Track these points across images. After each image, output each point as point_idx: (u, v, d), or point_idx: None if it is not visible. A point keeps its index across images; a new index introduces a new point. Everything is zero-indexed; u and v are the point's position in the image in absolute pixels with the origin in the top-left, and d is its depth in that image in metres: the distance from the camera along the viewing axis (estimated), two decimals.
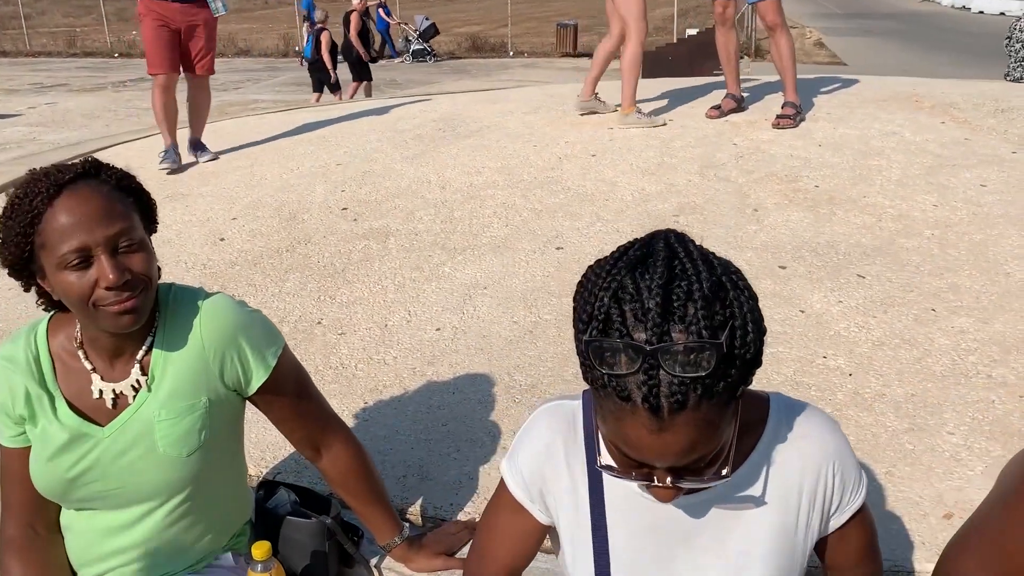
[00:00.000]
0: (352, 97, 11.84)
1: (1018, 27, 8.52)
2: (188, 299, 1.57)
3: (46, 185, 1.37)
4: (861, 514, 1.17)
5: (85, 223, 1.36)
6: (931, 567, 1.85)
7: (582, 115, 5.29)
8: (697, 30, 18.16)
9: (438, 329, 2.98)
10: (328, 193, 4.33)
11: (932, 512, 2.00)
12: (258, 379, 1.59)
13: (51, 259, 1.36)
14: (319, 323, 3.08)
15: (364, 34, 12.77)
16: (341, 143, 5.29)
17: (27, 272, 1.43)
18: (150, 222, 1.52)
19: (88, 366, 1.52)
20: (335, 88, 11.90)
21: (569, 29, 19.56)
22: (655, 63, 12.91)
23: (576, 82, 12.65)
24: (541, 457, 1.21)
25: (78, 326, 1.53)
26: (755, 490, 1.11)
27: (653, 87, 6.30)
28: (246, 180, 4.71)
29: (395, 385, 2.67)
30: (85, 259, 1.36)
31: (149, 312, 1.47)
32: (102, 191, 1.40)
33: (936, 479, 2.12)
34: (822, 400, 2.45)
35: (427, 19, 19.39)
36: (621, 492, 1.15)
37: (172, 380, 1.52)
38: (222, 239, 3.89)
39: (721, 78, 5.54)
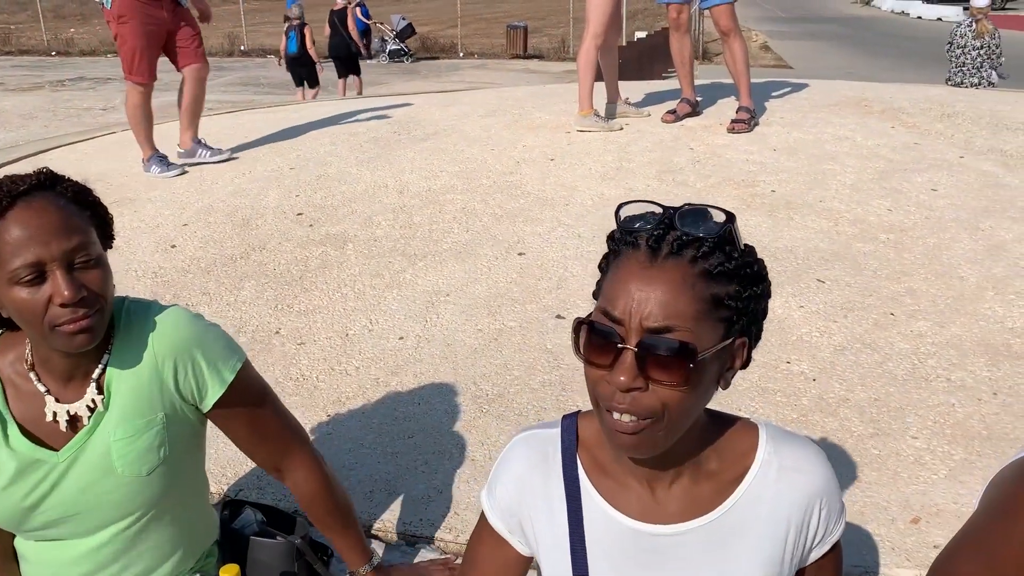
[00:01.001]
0: (360, 93, 12.17)
1: (958, 33, 8.76)
2: (142, 313, 1.50)
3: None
4: (838, 544, 1.17)
5: (40, 236, 1.29)
6: (901, 572, 1.87)
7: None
8: (646, 33, 18.31)
9: (401, 338, 2.93)
10: (282, 198, 4.24)
11: (900, 517, 2.03)
12: (213, 394, 1.52)
13: (2, 274, 1.29)
14: (277, 333, 3.01)
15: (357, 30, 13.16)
16: (293, 146, 5.20)
17: None
18: (106, 237, 1.45)
19: (41, 388, 1.45)
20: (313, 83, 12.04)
21: (519, 31, 19.57)
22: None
23: (528, 83, 12.64)
24: (518, 487, 1.17)
25: (28, 347, 1.46)
26: (744, 519, 1.09)
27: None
28: (196, 185, 4.60)
29: (358, 396, 2.62)
30: (39, 274, 1.29)
31: (104, 330, 1.40)
32: (58, 203, 1.34)
33: (902, 483, 2.15)
34: (787, 406, 2.47)
35: (404, 19, 19.12)
36: (602, 523, 1.11)
37: (126, 397, 1.46)
38: (173, 246, 3.78)
39: (671, 82, 5.56)
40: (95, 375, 1.46)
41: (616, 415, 0.98)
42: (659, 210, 1.03)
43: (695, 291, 0.96)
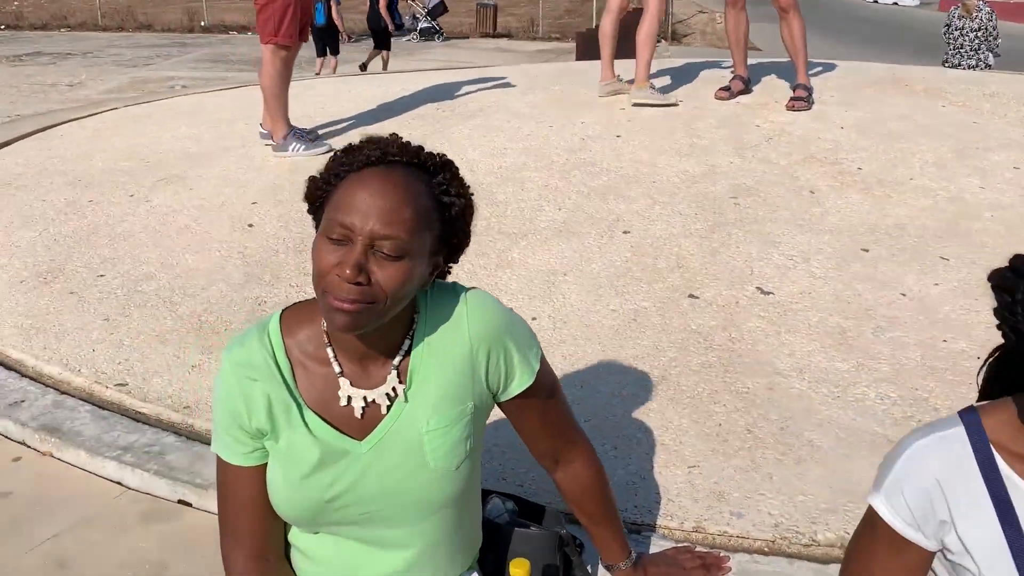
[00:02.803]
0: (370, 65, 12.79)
1: (955, 15, 8.89)
2: (448, 294, 1.40)
3: (376, 152, 1.25)
4: None
5: (363, 206, 1.19)
6: None
7: (601, 97, 5.11)
8: None
9: (534, 318, 2.83)
10: None
11: None
12: (521, 383, 1.43)
13: (324, 219, 1.23)
14: None
15: (389, 6, 13.37)
16: (335, 123, 5.01)
17: (317, 216, 1.30)
18: (452, 250, 1.36)
19: (336, 369, 1.33)
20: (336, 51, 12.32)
21: (489, 9, 19.38)
22: (591, 43, 12.88)
23: (504, 63, 12.50)
24: (936, 490, 1.13)
25: (324, 322, 1.33)
26: None
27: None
28: (246, 163, 4.39)
29: None
30: (345, 237, 1.19)
31: (373, 328, 1.25)
32: (409, 191, 1.23)
33: None
34: (962, 384, 2.44)
35: None
36: None
37: (439, 385, 1.35)
38: (250, 225, 3.60)
39: (664, 61, 5.52)
40: (396, 361, 1.34)
41: None
42: None
43: None
